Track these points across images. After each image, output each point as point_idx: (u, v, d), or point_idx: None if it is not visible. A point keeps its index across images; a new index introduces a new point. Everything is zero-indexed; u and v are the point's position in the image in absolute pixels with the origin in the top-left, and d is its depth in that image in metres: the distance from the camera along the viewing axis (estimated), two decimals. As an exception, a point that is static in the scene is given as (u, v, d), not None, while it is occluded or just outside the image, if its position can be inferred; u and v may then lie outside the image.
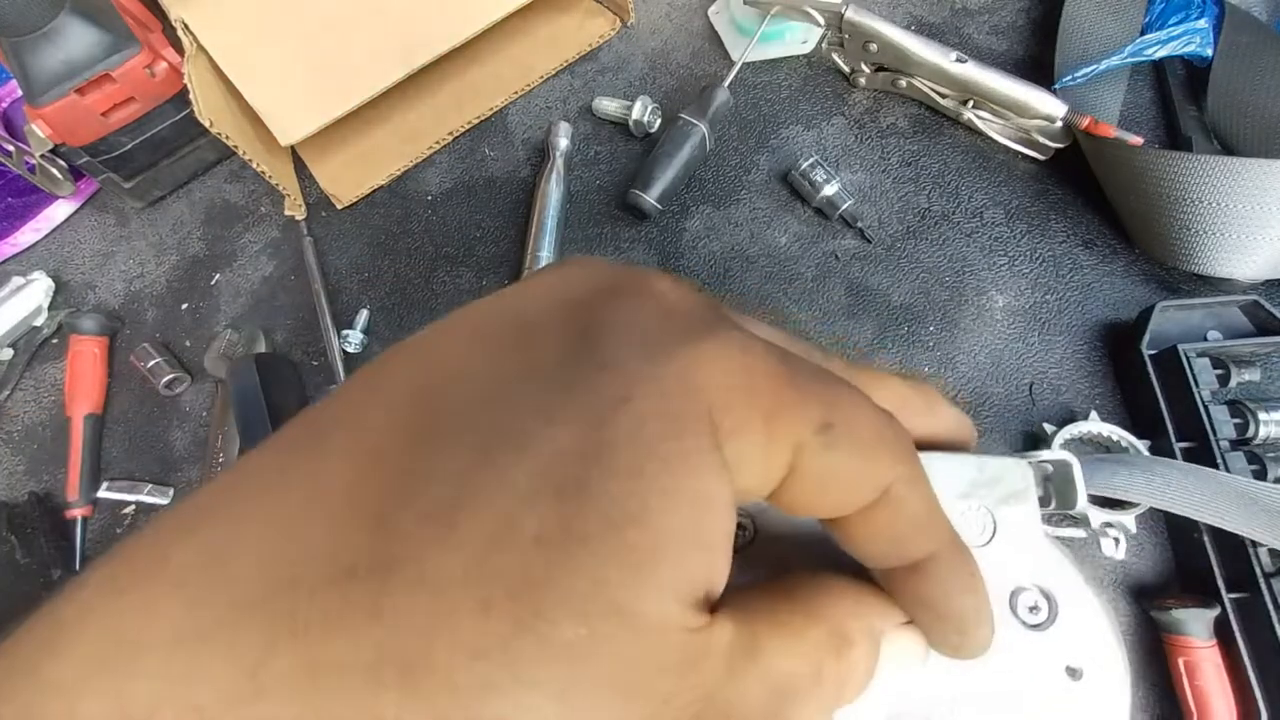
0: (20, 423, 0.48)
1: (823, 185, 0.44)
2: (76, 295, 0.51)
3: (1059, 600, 0.15)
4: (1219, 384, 0.36)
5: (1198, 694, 0.32)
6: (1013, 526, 0.15)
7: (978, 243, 0.44)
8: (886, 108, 0.48)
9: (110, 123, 0.46)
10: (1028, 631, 0.15)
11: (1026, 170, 0.45)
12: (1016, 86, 0.42)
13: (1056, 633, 0.14)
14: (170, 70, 0.46)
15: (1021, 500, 0.15)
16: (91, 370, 0.46)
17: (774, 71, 0.50)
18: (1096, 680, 0.14)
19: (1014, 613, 0.15)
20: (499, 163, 0.50)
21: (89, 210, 0.53)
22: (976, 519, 0.15)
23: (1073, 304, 0.42)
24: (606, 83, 0.52)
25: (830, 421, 0.11)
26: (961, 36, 0.50)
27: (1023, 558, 0.15)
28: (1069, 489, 0.16)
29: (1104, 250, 0.43)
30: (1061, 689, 0.14)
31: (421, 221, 0.49)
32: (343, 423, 0.11)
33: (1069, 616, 0.15)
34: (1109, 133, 0.40)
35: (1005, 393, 0.40)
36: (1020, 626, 0.14)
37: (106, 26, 0.43)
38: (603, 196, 0.48)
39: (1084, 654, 0.14)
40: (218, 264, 0.50)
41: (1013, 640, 0.14)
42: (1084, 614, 0.15)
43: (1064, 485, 0.17)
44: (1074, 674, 0.14)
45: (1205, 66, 0.44)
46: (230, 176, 0.53)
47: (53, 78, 0.42)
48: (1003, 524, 0.14)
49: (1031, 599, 0.15)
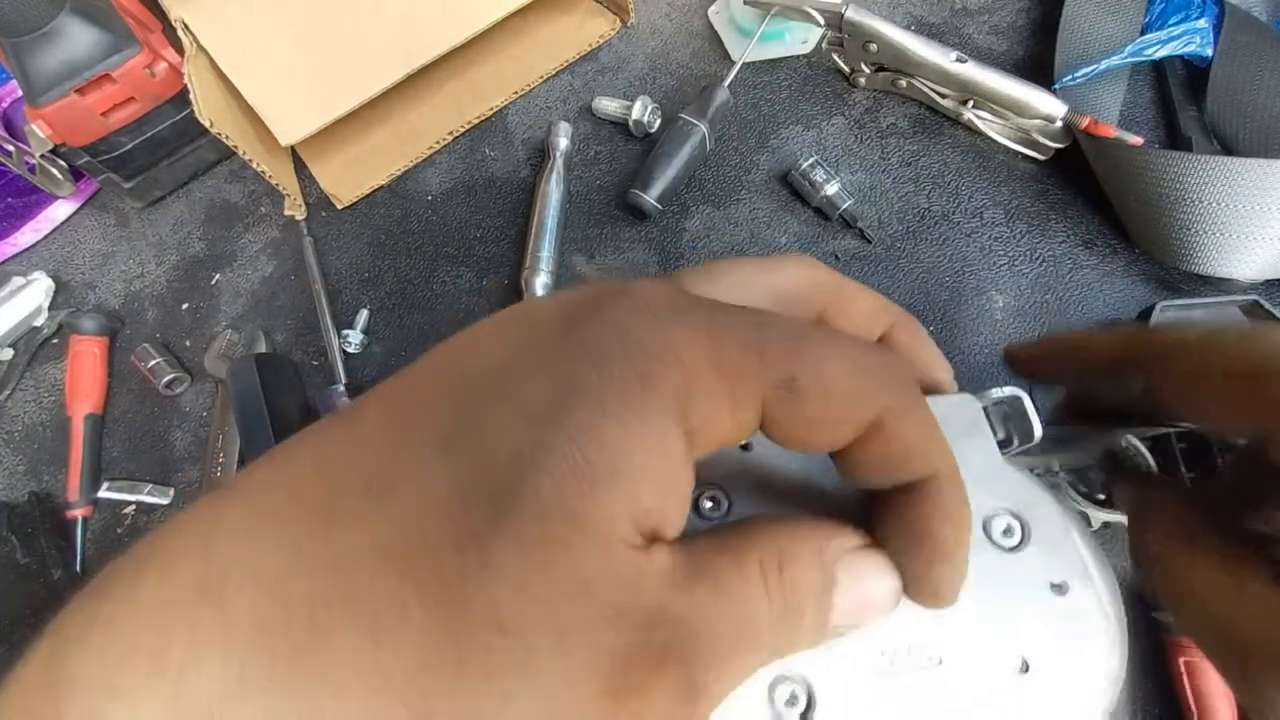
0: (21, 423, 0.48)
1: (823, 185, 0.44)
2: (77, 295, 0.51)
3: (1029, 521, 0.15)
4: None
5: (1198, 695, 0.32)
6: (972, 458, 0.15)
7: (978, 243, 0.44)
8: (886, 108, 0.48)
9: (110, 123, 0.46)
10: (1005, 554, 0.15)
11: (1026, 170, 0.45)
12: (1016, 86, 0.42)
13: (1034, 551, 0.15)
14: (170, 70, 0.46)
15: (975, 432, 0.16)
16: (92, 370, 0.46)
17: (774, 71, 0.50)
18: (1082, 591, 0.14)
19: (990, 539, 0.15)
20: (499, 163, 0.50)
21: (89, 210, 0.53)
22: None
23: (1073, 304, 0.42)
24: (606, 83, 0.52)
25: (793, 375, 0.13)
26: (961, 36, 0.50)
27: (987, 486, 0.15)
28: (1025, 422, 0.17)
29: (1104, 250, 0.43)
30: (1050, 605, 0.14)
31: (421, 221, 0.49)
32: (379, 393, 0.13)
33: (1042, 534, 0.15)
34: (1109, 133, 0.40)
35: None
36: (997, 551, 0.15)
37: (106, 26, 0.43)
38: (603, 196, 0.48)
39: (1065, 568, 0.14)
40: (218, 264, 0.50)
41: (993, 566, 0.14)
42: (1056, 529, 0.15)
43: (1020, 420, 0.17)
44: (1059, 589, 0.14)
45: (1205, 66, 0.44)
46: (230, 176, 0.53)
47: (53, 78, 0.42)
48: (962, 458, 0.14)
49: (1003, 523, 0.15)
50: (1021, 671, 0.14)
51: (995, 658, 0.14)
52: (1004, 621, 0.14)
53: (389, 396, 0.13)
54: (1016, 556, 0.15)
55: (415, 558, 0.10)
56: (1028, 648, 0.14)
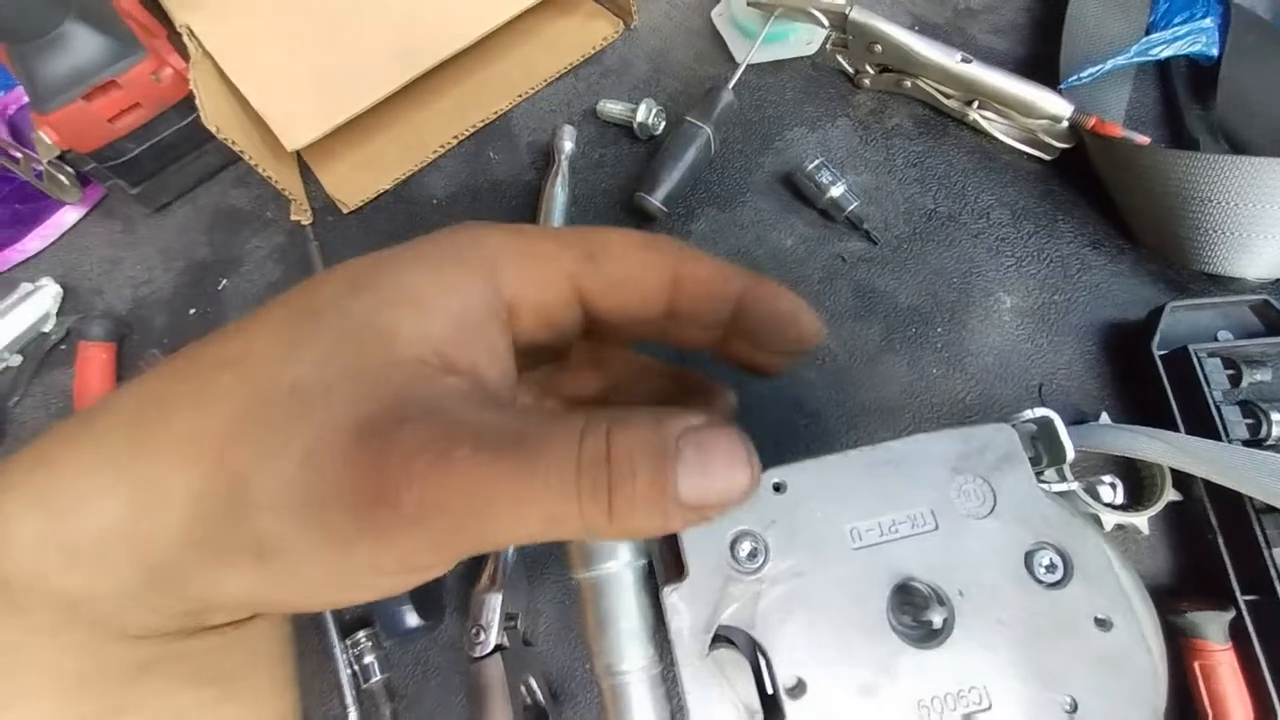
0: (30, 429, 0.48)
1: (828, 187, 0.44)
2: (84, 301, 0.51)
3: (1071, 554, 0.15)
4: (1230, 384, 0.36)
5: (1214, 697, 0.31)
6: (1011, 490, 0.15)
7: (984, 243, 0.44)
8: (891, 109, 0.48)
9: (117, 129, 0.46)
10: (1048, 591, 0.14)
11: (1032, 170, 0.45)
12: (1022, 86, 0.42)
13: (1077, 586, 0.14)
14: (176, 76, 0.46)
15: (1013, 462, 0.15)
16: (100, 376, 0.47)
17: (778, 73, 0.50)
18: (1126, 626, 0.14)
19: (1032, 575, 0.15)
20: (504, 166, 0.50)
21: (96, 216, 0.53)
22: (975, 490, 0.15)
23: (1081, 304, 0.42)
24: (610, 85, 0.52)
25: (591, 252, 0.16)
26: (965, 37, 0.50)
27: (1028, 519, 0.15)
28: (1055, 444, 0.17)
29: (1111, 250, 0.43)
30: (1095, 643, 0.14)
31: (427, 225, 0.49)
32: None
33: (1084, 567, 0.14)
34: (1115, 132, 0.40)
35: (1014, 394, 0.40)
36: (1040, 588, 0.14)
37: (112, 33, 0.43)
38: (608, 199, 0.48)
39: (1108, 603, 0.14)
40: (225, 269, 0.50)
41: (1038, 603, 0.14)
42: (1098, 563, 0.14)
43: (1050, 441, 0.17)
44: (1104, 625, 0.14)
45: (1210, 66, 0.44)
46: (236, 182, 0.53)
47: (59, 84, 0.42)
48: (1001, 491, 0.14)
49: (1046, 558, 0.15)
50: (1069, 711, 0.14)
51: (1044, 700, 0.14)
52: (1051, 662, 0.14)
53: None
54: (1060, 593, 0.15)
55: (246, 360, 0.13)
56: (1076, 687, 0.14)
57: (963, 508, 0.14)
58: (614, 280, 0.16)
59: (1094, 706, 0.13)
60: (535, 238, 0.16)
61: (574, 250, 0.16)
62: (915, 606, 0.15)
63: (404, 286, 0.14)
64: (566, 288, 0.16)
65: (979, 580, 0.14)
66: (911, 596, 0.14)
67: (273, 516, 0.12)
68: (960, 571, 0.14)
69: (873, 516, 0.14)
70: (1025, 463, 0.15)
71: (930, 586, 0.14)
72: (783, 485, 0.15)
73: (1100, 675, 0.14)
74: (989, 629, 0.14)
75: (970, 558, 0.14)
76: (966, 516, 0.15)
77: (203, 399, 0.13)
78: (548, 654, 0.38)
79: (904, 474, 0.15)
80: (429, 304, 0.14)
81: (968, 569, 0.14)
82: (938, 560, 0.14)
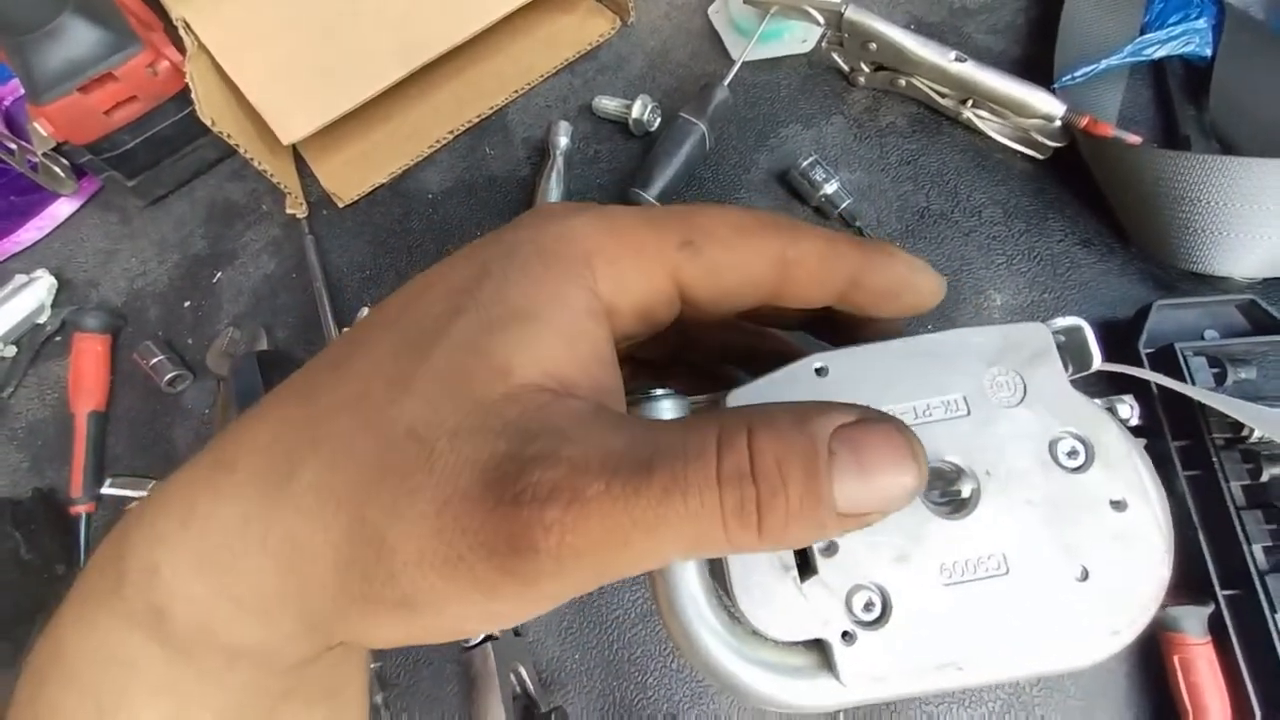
0: (24, 419, 0.48)
1: (822, 184, 0.44)
2: (80, 293, 0.51)
3: (1094, 443, 0.16)
4: (1215, 382, 0.36)
5: (1192, 690, 0.32)
6: (1041, 383, 0.16)
7: (976, 241, 0.44)
8: (886, 107, 0.48)
9: (112, 121, 0.46)
10: (1069, 474, 0.15)
11: (1025, 169, 0.45)
12: (1016, 86, 0.42)
13: (1096, 471, 0.15)
14: (172, 69, 0.46)
15: (1045, 358, 0.16)
16: (95, 367, 0.47)
17: (773, 70, 0.50)
18: (1140, 508, 0.15)
19: (1055, 460, 0.15)
20: (499, 161, 0.51)
21: (92, 208, 0.53)
22: (1007, 382, 0.16)
23: (1070, 302, 0.42)
24: (606, 82, 0.52)
25: (690, 238, 0.15)
26: (961, 36, 0.50)
27: (1055, 409, 0.16)
28: (1083, 352, 0.17)
29: (1101, 249, 0.43)
30: (1110, 521, 0.15)
31: (422, 220, 0.50)
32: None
33: (1105, 455, 0.15)
34: (1108, 132, 0.40)
35: (1003, 391, 0.40)
36: (1063, 472, 0.15)
37: (108, 25, 0.43)
38: (603, 195, 0.48)
39: (1125, 487, 0.15)
40: (220, 262, 0.50)
41: (1058, 485, 0.15)
42: (1118, 451, 0.15)
43: (1078, 350, 0.18)
44: (1119, 506, 0.15)
45: (1204, 66, 0.44)
46: (232, 175, 0.53)
47: (55, 76, 0.43)
48: (1031, 383, 0.15)
49: (1069, 445, 0.16)
50: (1080, 580, 0.15)
51: (1057, 567, 0.15)
52: (1067, 537, 0.15)
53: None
54: (1080, 477, 0.15)
55: (360, 402, 0.13)
56: (1089, 559, 0.15)
57: (994, 397, 0.15)
58: (716, 268, 0.15)
59: (1105, 575, 0.15)
60: (629, 226, 0.15)
61: (672, 237, 0.15)
62: (945, 480, 0.15)
63: (507, 302, 0.13)
64: (666, 282, 0.15)
65: (1005, 462, 0.15)
66: (942, 472, 0.15)
67: (418, 573, 0.12)
68: (988, 454, 0.15)
69: (908, 400, 0.15)
70: (1057, 359, 0.16)
71: (959, 466, 0.15)
72: (824, 369, 0.16)
73: (1112, 550, 0.15)
74: (1012, 506, 0.15)
75: (998, 442, 0.15)
76: (997, 405, 0.16)
77: (325, 451, 0.13)
78: (538, 643, 0.38)
79: (941, 363, 0.16)
80: (536, 320, 0.13)
81: (995, 452, 0.15)
82: (968, 443, 0.15)
